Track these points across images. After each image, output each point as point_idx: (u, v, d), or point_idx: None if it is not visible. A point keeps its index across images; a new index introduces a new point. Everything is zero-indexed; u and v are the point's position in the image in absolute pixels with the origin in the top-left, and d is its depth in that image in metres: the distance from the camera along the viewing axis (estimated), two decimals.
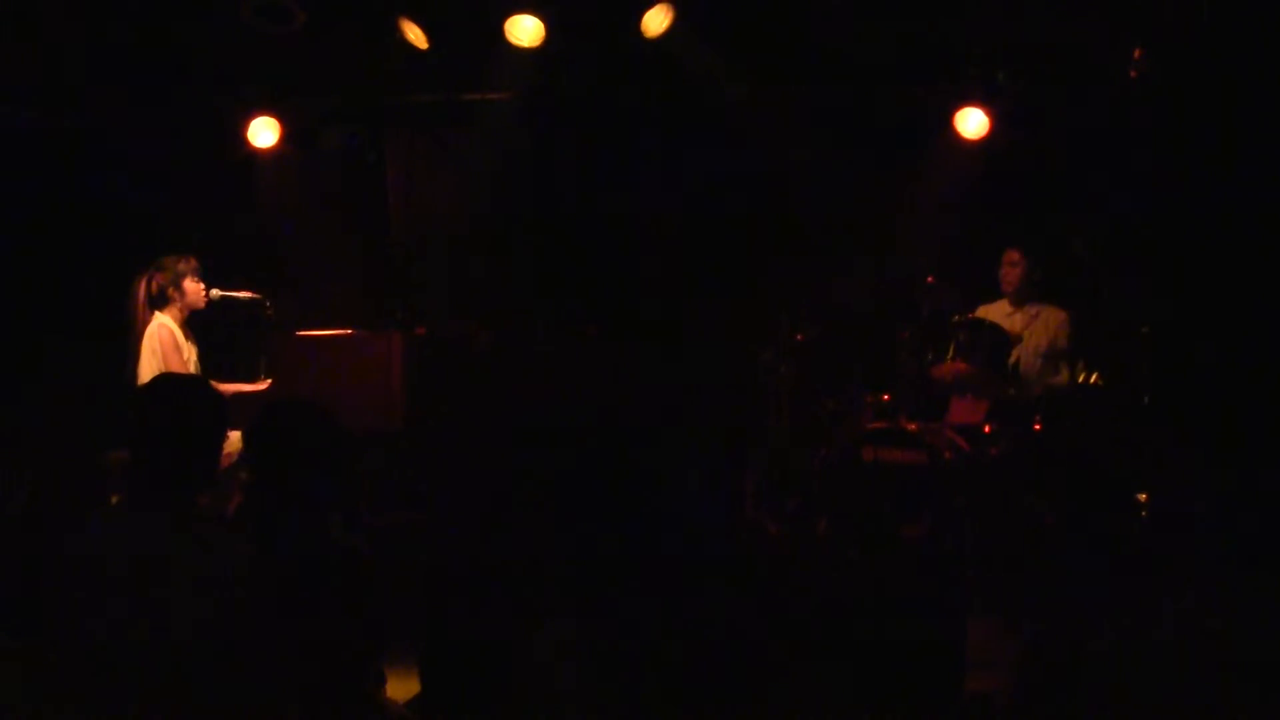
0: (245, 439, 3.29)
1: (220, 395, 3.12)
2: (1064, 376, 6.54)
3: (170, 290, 5.97)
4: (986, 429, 6.37)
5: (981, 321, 6.42)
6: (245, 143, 7.31)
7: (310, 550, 3.11)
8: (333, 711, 3.02)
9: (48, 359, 6.83)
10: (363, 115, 7.76)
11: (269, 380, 6.24)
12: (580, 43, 7.01)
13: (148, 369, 5.79)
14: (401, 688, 3.89)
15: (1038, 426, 6.25)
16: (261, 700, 2.77)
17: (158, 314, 5.94)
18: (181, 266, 6.00)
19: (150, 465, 2.90)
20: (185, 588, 2.73)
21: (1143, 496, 6.06)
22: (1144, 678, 4.25)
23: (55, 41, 6.55)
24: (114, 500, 5.58)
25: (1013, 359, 6.43)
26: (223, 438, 3.10)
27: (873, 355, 6.88)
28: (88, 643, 2.76)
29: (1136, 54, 6.45)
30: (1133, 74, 6.49)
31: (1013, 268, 6.71)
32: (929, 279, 6.54)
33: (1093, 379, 6.38)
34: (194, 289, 6.02)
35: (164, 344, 5.86)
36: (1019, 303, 6.72)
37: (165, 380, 4.00)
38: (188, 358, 5.99)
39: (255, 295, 6.26)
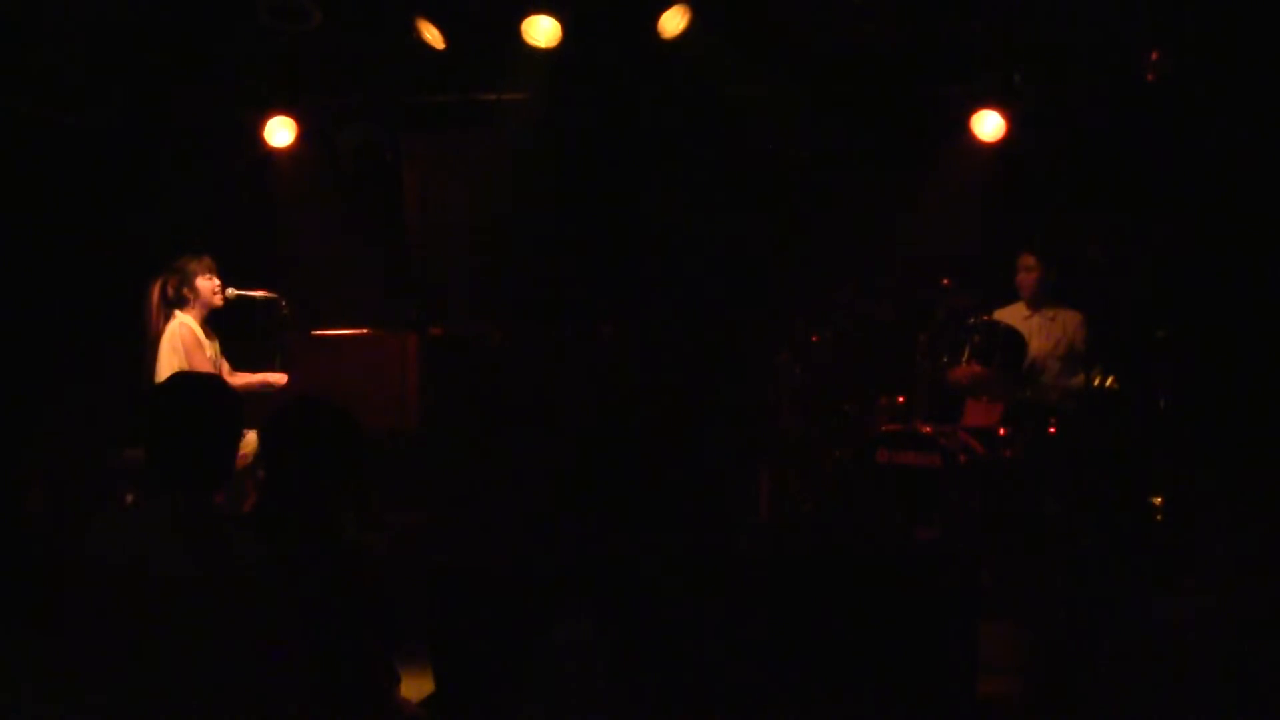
0: (260, 438, 3.29)
1: (236, 394, 3.12)
2: (1080, 380, 6.53)
3: (185, 290, 5.98)
4: (1001, 432, 6.36)
5: (997, 324, 6.40)
6: (262, 142, 7.33)
7: (325, 549, 3.11)
8: (347, 711, 3.03)
9: (62, 359, 6.84)
10: (379, 115, 7.78)
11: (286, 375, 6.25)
12: (597, 43, 7.01)
13: (167, 368, 5.79)
14: (415, 687, 3.89)
15: (1053, 430, 6.23)
16: (276, 699, 2.78)
17: (178, 313, 5.95)
18: (194, 266, 6.01)
19: (165, 464, 2.91)
20: (199, 587, 2.74)
21: (1158, 500, 6.04)
22: (1155, 680, 4.23)
23: (68, 40, 6.56)
24: (128, 499, 5.61)
25: (1028, 361, 6.41)
26: (238, 436, 3.10)
27: (888, 357, 6.87)
28: (101, 641, 2.77)
29: (1153, 56, 6.43)
30: (1149, 76, 6.47)
31: (1028, 272, 6.70)
32: (945, 281, 6.53)
33: (1109, 382, 6.36)
34: (208, 287, 6.02)
35: (185, 342, 5.87)
36: (1035, 306, 6.71)
37: (180, 379, 4.00)
38: (210, 354, 6.01)
39: (271, 294, 6.27)
